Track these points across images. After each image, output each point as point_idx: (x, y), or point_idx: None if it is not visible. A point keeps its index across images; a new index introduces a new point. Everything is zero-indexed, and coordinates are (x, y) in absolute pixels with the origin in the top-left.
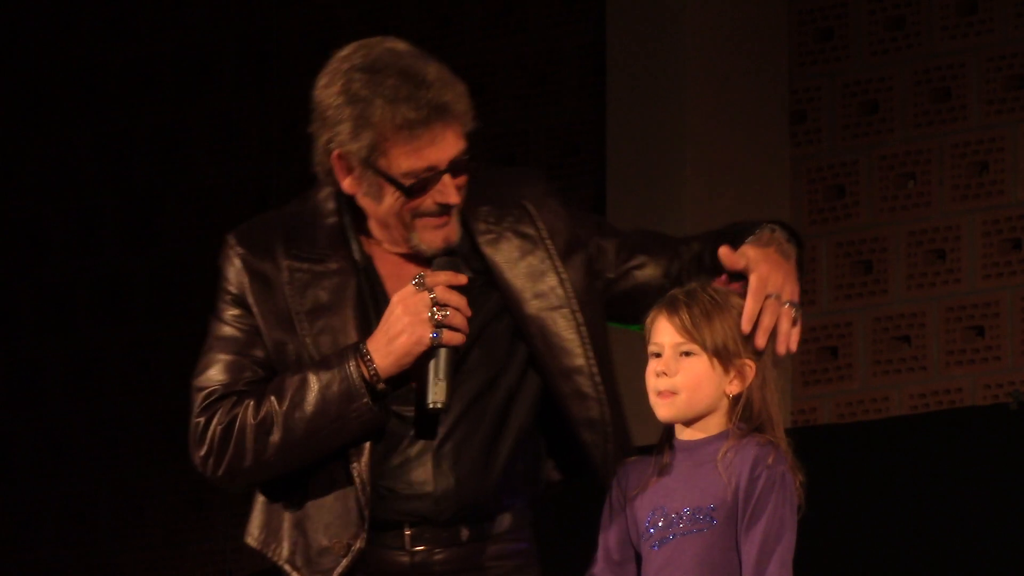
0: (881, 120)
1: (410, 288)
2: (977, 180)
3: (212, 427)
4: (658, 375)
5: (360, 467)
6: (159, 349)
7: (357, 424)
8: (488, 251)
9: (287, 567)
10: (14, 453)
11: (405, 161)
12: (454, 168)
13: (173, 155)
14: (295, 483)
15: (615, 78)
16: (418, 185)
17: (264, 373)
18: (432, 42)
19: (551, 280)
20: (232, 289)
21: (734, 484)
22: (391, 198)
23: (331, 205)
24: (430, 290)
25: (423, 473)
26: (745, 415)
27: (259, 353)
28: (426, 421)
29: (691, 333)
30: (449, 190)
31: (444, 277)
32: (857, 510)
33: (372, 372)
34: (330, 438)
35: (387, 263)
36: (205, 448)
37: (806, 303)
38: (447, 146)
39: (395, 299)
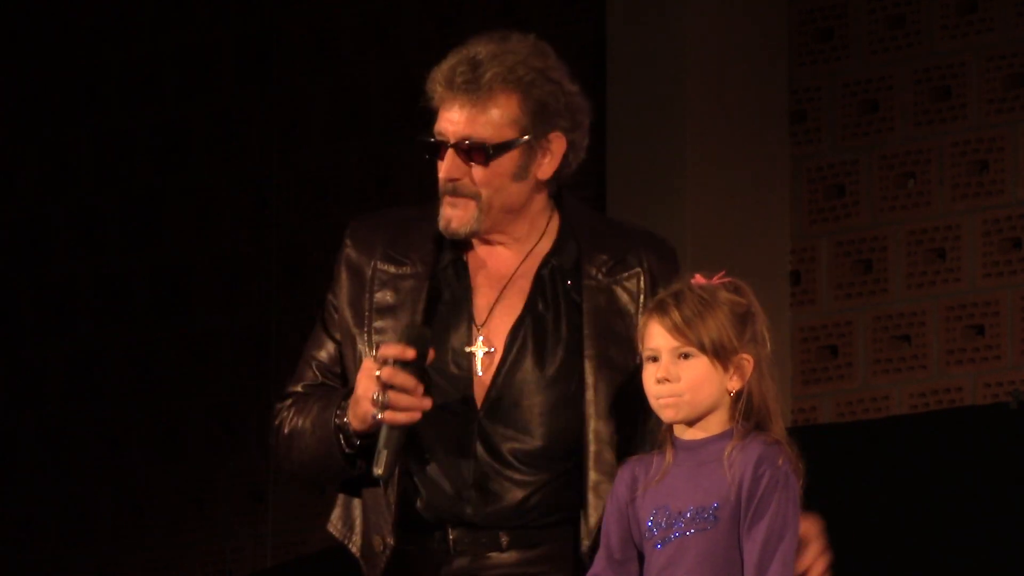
0: (881, 119)
1: (370, 359)
2: (977, 179)
3: (274, 430)
4: (659, 382)
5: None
6: (159, 349)
7: (337, 468)
8: (586, 295)
9: (361, 561)
10: (14, 453)
11: (435, 121)
12: (460, 147)
13: (173, 155)
14: (362, 480)
15: (615, 78)
16: (424, 145)
17: (340, 384)
18: (432, 42)
19: (628, 352)
20: (335, 288)
21: (737, 482)
22: None
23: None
24: (381, 365)
25: (456, 476)
26: (746, 410)
27: (338, 369)
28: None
29: (686, 334)
30: (445, 163)
31: (393, 351)
32: (857, 509)
33: (344, 428)
34: (327, 471)
35: (476, 257)
36: (272, 448)
37: (806, 302)
38: (458, 121)
39: (363, 364)
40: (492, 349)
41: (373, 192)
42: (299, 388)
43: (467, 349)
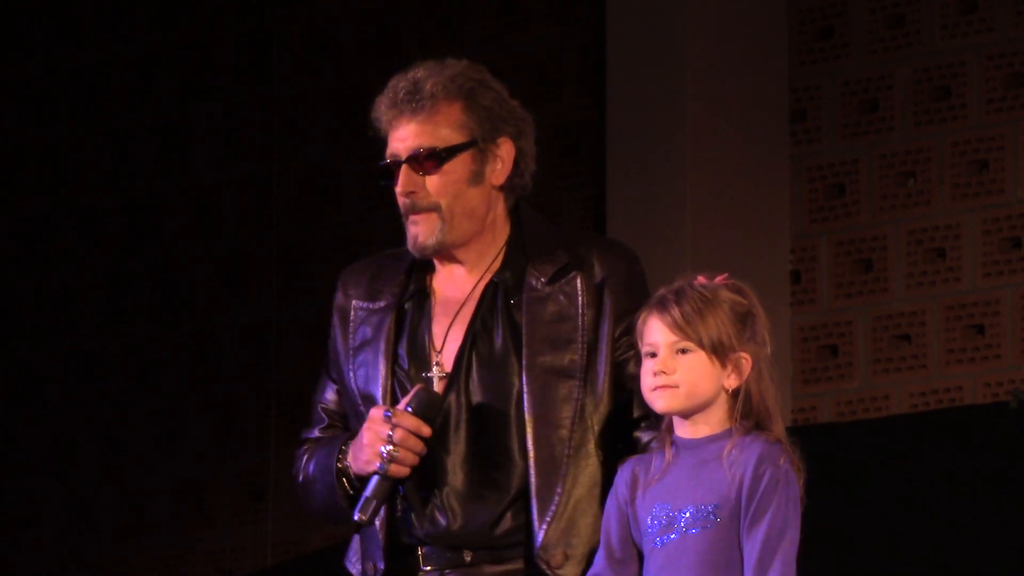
0: (881, 119)
1: (380, 414)
2: (977, 179)
3: (292, 478)
4: (656, 374)
5: None
6: (159, 349)
7: (344, 513)
8: (526, 307)
9: None
10: (14, 453)
11: (386, 150)
12: (412, 160)
13: (173, 155)
14: None
15: (615, 78)
16: (380, 169)
17: (344, 423)
18: (432, 42)
19: (571, 353)
20: (330, 332)
21: (737, 481)
22: None
23: None
24: (393, 426)
25: (418, 499)
26: (744, 409)
27: (343, 410)
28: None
29: (685, 330)
30: (400, 178)
31: (409, 423)
32: (857, 509)
33: (345, 471)
34: (339, 513)
35: (436, 284)
36: (294, 489)
37: (807, 302)
38: (407, 136)
39: (370, 414)
40: (445, 374)
41: (373, 192)
42: (312, 434)
43: (425, 375)
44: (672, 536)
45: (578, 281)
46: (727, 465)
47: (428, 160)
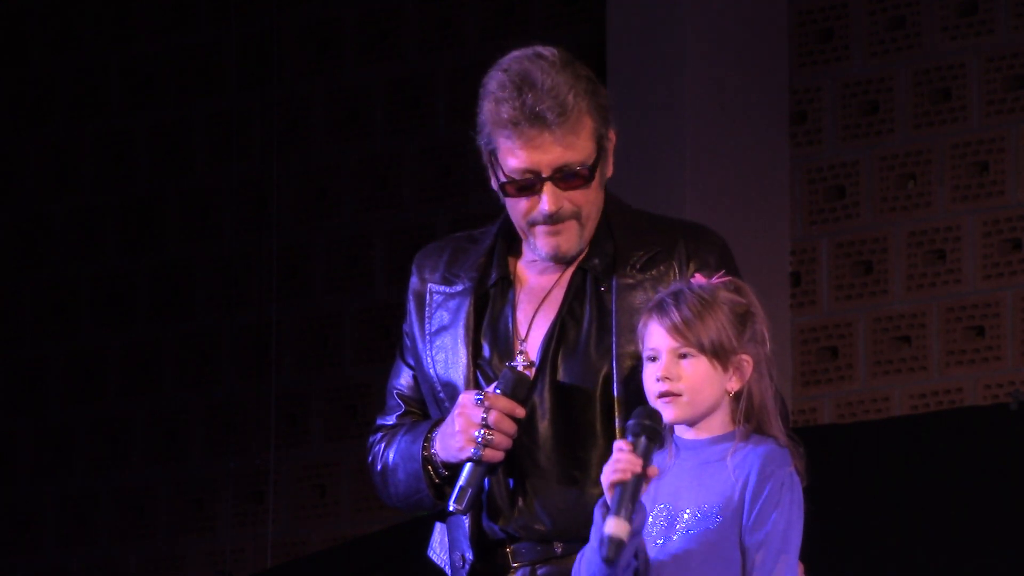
0: (881, 120)
1: (471, 398)
2: (977, 180)
3: (369, 466)
4: (659, 380)
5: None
6: (159, 349)
7: (429, 499)
8: (618, 294)
9: None
10: (14, 453)
11: (509, 159)
12: (557, 177)
13: (173, 155)
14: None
15: (615, 78)
16: (514, 185)
17: (421, 409)
18: (432, 42)
19: None
20: (406, 317)
21: (742, 482)
22: (508, 200)
23: (495, 229)
24: (487, 409)
25: (506, 491)
26: (746, 411)
27: (419, 395)
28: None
29: (686, 335)
30: (548, 197)
31: (504, 404)
32: (858, 510)
33: (432, 459)
34: (421, 503)
35: (522, 271)
36: (372, 483)
37: (807, 303)
38: (547, 153)
39: (460, 400)
40: (530, 361)
41: (373, 192)
42: (387, 421)
43: (509, 364)
44: (673, 536)
45: (670, 271)
46: (732, 467)
47: (576, 178)
